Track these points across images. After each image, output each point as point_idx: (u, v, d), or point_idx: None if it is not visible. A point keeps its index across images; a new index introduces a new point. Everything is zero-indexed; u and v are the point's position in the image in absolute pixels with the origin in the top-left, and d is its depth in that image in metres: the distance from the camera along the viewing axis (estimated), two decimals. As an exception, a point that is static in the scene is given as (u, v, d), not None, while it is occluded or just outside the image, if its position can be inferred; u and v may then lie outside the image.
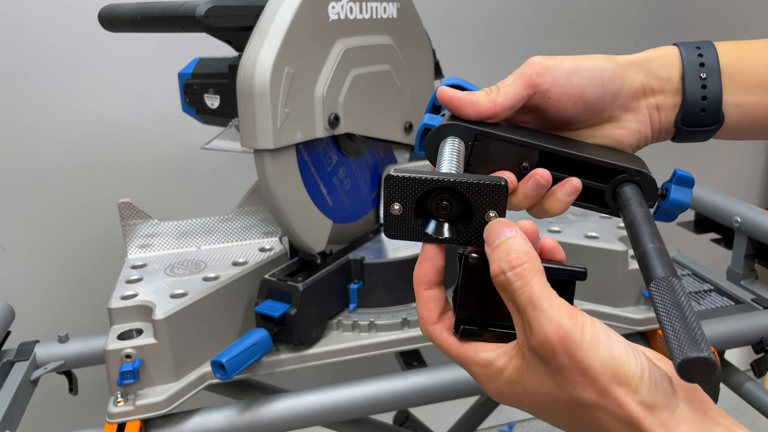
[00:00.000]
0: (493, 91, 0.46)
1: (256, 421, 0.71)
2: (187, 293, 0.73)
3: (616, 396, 0.35)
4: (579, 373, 0.36)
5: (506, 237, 0.38)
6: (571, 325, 0.36)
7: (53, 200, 1.23)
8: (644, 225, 0.41)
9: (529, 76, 0.46)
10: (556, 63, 0.46)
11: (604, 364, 0.35)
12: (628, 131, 0.48)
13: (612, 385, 0.35)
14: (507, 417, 1.74)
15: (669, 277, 0.38)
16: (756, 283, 1.01)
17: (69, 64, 1.17)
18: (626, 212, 0.44)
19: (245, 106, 0.70)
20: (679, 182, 0.47)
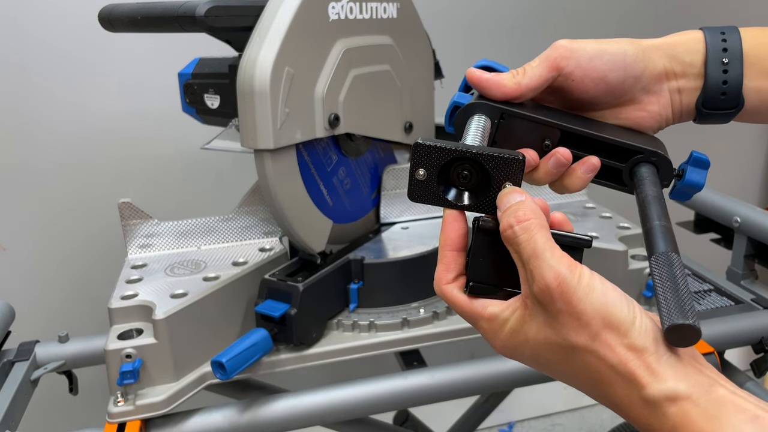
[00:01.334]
0: (519, 73, 0.48)
1: (256, 421, 0.71)
2: (187, 293, 0.74)
3: (606, 339, 0.37)
4: (573, 318, 0.38)
5: (516, 200, 0.41)
6: (569, 273, 0.38)
7: (53, 200, 1.23)
8: (654, 204, 0.44)
9: (554, 59, 0.48)
10: (580, 47, 0.48)
11: (596, 309, 0.38)
12: (649, 114, 0.50)
13: (603, 329, 0.37)
14: (507, 417, 1.74)
15: (669, 252, 0.40)
16: (756, 283, 1.01)
17: (69, 65, 1.17)
18: (639, 190, 0.46)
19: (245, 106, 0.70)
20: (695, 164, 0.50)
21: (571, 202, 0.99)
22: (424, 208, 0.96)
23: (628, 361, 0.37)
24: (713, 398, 0.35)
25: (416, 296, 0.83)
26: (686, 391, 0.35)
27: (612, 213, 0.92)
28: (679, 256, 0.41)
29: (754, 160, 1.76)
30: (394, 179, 0.93)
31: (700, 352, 0.78)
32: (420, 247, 0.84)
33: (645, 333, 0.37)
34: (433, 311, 0.80)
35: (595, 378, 0.39)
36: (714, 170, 1.75)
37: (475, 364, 0.77)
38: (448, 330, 0.80)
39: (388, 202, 0.94)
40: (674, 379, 0.35)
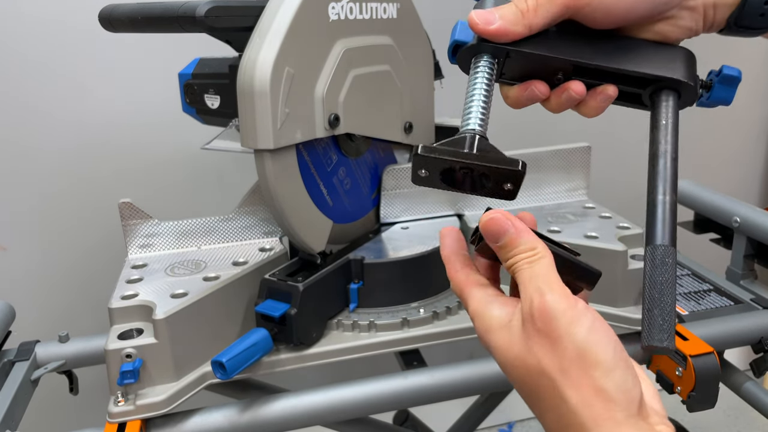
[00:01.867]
0: (529, 11, 0.44)
1: (256, 420, 0.71)
2: (188, 293, 0.74)
3: (575, 376, 0.36)
4: (548, 341, 0.37)
5: (509, 234, 0.42)
6: (558, 298, 0.38)
7: (53, 200, 1.23)
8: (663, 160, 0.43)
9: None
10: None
11: (574, 341, 0.37)
12: (680, 29, 0.47)
13: (574, 364, 0.36)
14: (507, 417, 1.74)
15: (663, 246, 0.41)
16: (755, 283, 1.01)
17: (69, 65, 1.17)
18: (653, 134, 0.45)
19: (245, 107, 0.71)
20: (724, 81, 0.47)
21: (571, 203, 0.99)
22: (425, 208, 0.96)
23: (592, 404, 0.35)
24: None
25: (416, 296, 0.83)
26: None
27: (612, 213, 0.92)
28: (674, 248, 0.41)
29: (753, 160, 1.76)
30: (394, 179, 0.94)
31: (700, 353, 0.78)
32: (420, 247, 0.84)
33: (622, 387, 0.35)
34: (433, 311, 0.81)
35: (556, 414, 0.37)
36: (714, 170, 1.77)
37: (475, 364, 0.77)
38: (448, 330, 0.80)
39: (388, 202, 0.94)
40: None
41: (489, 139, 0.45)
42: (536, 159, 0.97)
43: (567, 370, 0.36)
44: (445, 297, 0.84)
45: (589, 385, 0.35)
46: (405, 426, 1.17)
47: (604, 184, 1.18)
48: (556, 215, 0.93)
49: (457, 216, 0.96)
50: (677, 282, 1.04)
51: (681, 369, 0.77)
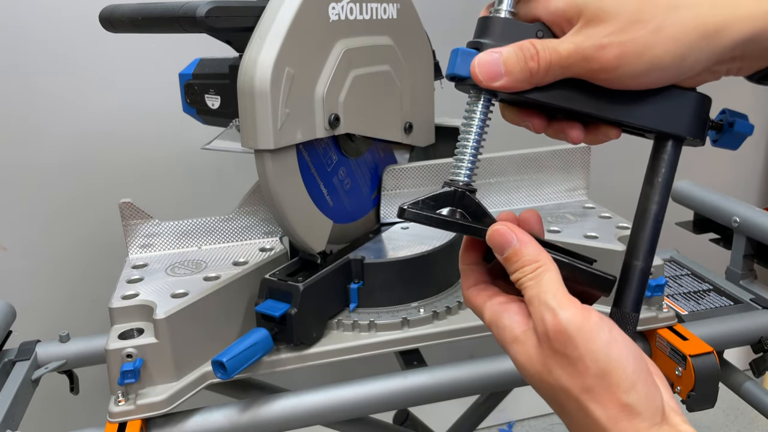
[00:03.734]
0: (539, 73, 0.41)
1: (256, 420, 0.71)
2: (188, 293, 0.74)
3: (599, 393, 0.36)
4: (568, 362, 0.38)
5: (513, 246, 0.42)
6: (570, 314, 0.38)
7: (54, 200, 1.23)
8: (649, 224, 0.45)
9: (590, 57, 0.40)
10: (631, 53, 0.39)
11: (595, 360, 0.37)
12: (696, 82, 0.44)
13: (598, 383, 0.36)
14: (507, 416, 1.74)
15: (628, 313, 0.45)
16: (755, 283, 1.01)
17: (69, 65, 1.18)
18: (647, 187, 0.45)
19: (246, 107, 0.71)
20: (734, 135, 0.47)
21: (571, 203, 0.99)
22: (424, 208, 0.96)
23: (619, 420, 0.36)
24: None
25: (416, 296, 0.83)
26: None
27: (611, 213, 0.93)
28: (638, 314, 0.45)
29: (753, 160, 1.76)
30: (394, 179, 0.94)
31: (700, 352, 0.78)
32: (420, 247, 0.84)
33: (646, 398, 0.36)
34: (433, 311, 0.81)
35: (584, 426, 0.38)
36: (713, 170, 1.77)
37: (475, 363, 0.78)
38: (448, 330, 0.80)
39: (388, 202, 0.95)
40: None
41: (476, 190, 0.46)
42: (536, 159, 0.97)
43: (590, 388, 0.37)
44: (445, 297, 0.84)
45: (613, 401, 0.36)
46: (405, 426, 1.17)
47: (604, 184, 1.18)
48: (556, 215, 0.93)
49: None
50: (677, 282, 1.04)
51: (680, 369, 0.77)
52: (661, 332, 0.80)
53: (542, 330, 0.39)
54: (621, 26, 0.39)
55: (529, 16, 0.43)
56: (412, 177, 0.94)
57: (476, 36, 0.44)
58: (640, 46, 0.39)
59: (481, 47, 0.43)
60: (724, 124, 0.46)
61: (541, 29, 0.43)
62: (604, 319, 0.39)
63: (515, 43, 0.42)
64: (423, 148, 1.01)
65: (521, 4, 0.43)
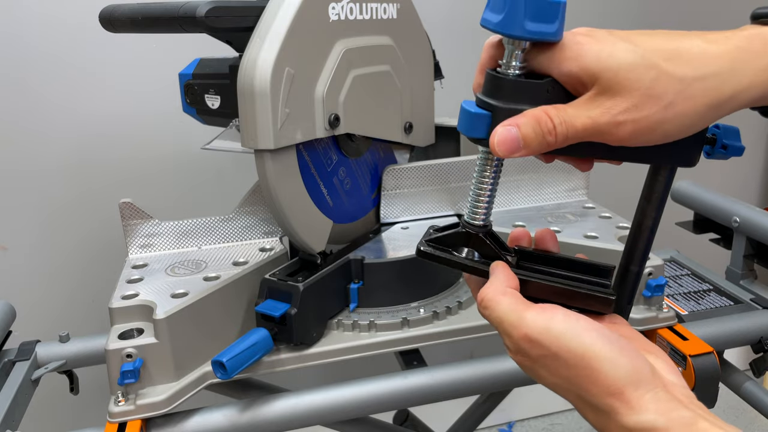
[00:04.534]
0: (557, 144, 0.43)
1: (256, 420, 0.71)
2: (188, 293, 0.74)
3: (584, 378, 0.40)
4: (550, 359, 0.41)
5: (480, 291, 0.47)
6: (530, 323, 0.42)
7: (55, 200, 1.23)
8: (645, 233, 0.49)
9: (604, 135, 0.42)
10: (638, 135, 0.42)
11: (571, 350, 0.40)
12: None
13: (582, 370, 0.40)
14: (507, 416, 1.74)
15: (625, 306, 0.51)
16: (755, 282, 1.01)
17: (69, 65, 1.18)
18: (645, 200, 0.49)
19: (245, 107, 0.71)
20: (729, 150, 0.51)
21: (571, 203, 0.99)
22: (425, 208, 0.96)
23: (607, 395, 0.39)
24: (691, 430, 0.36)
25: (416, 296, 0.83)
26: (664, 424, 0.37)
27: (611, 213, 0.93)
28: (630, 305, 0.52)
29: (753, 160, 1.76)
30: (394, 179, 0.94)
31: (700, 353, 0.78)
32: (420, 247, 0.84)
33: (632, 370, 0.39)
34: (433, 311, 0.81)
35: (577, 407, 0.42)
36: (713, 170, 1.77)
37: (475, 363, 0.78)
38: (447, 330, 0.80)
39: (388, 202, 0.95)
40: (654, 413, 0.37)
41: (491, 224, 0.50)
42: (536, 159, 0.97)
43: (574, 378, 0.40)
44: (445, 297, 0.84)
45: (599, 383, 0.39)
46: (405, 426, 1.17)
47: (604, 184, 1.18)
48: (556, 215, 0.93)
49: (457, 216, 0.96)
50: (677, 282, 1.04)
51: (681, 369, 0.77)
52: (661, 332, 0.80)
53: (514, 345, 0.42)
54: (635, 103, 0.40)
55: (539, 69, 0.44)
56: (412, 177, 0.94)
57: (486, 93, 0.45)
58: (652, 123, 0.41)
59: (495, 111, 0.44)
60: (717, 140, 0.50)
61: (551, 86, 0.44)
62: (569, 314, 0.41)
63: (531, 113, 0.43)
64: (423, 148, 1.01)
65: (532, 56, 0.44)
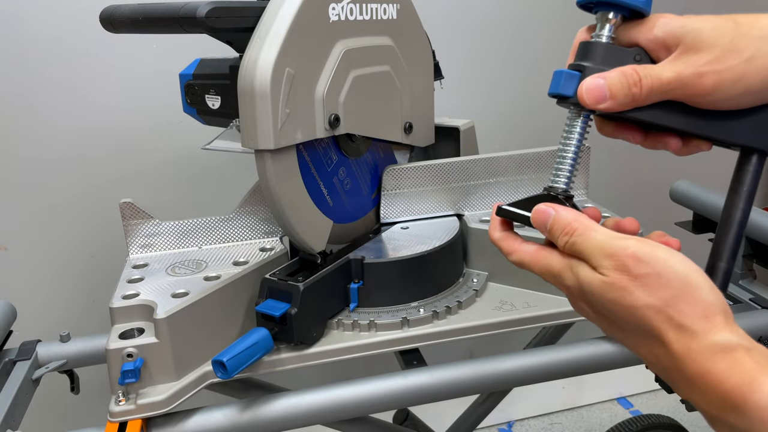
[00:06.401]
0: (641, 97, 0.45)
1: (257, 419, 0.71)
2: (188, 293, 0.74)
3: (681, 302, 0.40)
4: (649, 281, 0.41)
5: (551, 216, 0.46)
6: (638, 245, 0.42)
7: (55, 200, 1.23)
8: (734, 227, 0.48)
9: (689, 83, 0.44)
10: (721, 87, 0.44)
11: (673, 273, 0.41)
12: None
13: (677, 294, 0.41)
14: (507, 416, 1.74)
15: None
16: (754, 283, 1.02)
17: (70, 66, 1.18)
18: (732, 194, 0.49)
19: (246, 107, 0.71)
20: None
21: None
22: (425, 208, 0.96)
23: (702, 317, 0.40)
24: (761, 350, 0.39)
25: (416, 296, 0.83)
26: (748, 344, 0.39)
27: (611, 213, 0.93)
28: None
29: (753, 160, 1.76)
30: (394, 179, 0.94)
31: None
32: (420, 247, 0.84)
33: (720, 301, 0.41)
34: (433, 311, 0.81)
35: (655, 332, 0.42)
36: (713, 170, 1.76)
37: (475, 363, 0.78)
38: (448, 329, 0.80)
39: (388, 202, 0.95)
40: (739, 336, 0.40)
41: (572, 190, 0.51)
42: (536, 159, 0.97)
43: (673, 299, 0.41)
44: (445, 297, 0.85)
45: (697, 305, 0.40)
46: (405, 425, 1.17)
47: (604, 184, 1.18)
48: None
49: (457, 216, 0.96)
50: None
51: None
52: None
53: (617, 264, 0.42)
54: (717, 56, 0.43)
55: (627, 41, 0.47)
56: (412, 177, 0.94)
57: (578, 59, 0.48)
58: (735, 75, 0.43)
59: (585, 70, 0.47)
60: None
61: (639, 53, 0.47)
62: (666, 247, 0.42)
63: (618, 68, 0.46)
64: (423, 148, 1.01)
65: (621, 31, 0.47)
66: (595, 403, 1.81)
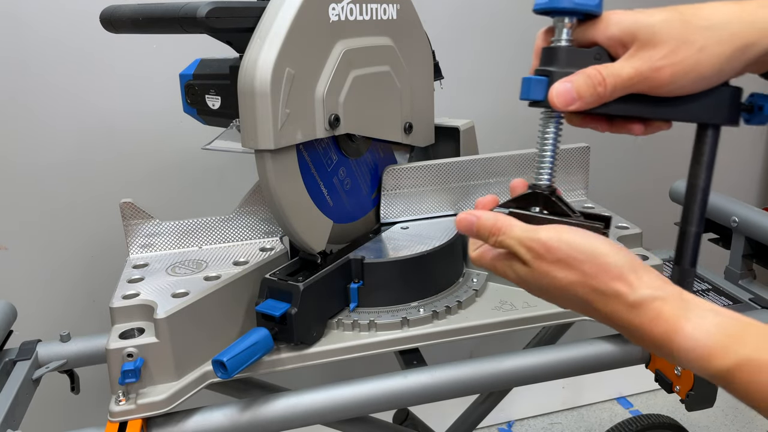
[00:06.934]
0: (606, 95, 0.49)
1: (256, 419, 0.71)
2: (189, 292, 0.74)
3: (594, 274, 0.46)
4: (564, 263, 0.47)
5: (474, 223, 0.52)
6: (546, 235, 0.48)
7: (55, 200, 1.23)
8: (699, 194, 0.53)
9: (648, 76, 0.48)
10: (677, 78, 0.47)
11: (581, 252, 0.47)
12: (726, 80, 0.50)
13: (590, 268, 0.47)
14: (506, 416, 1.74)
15: (687, 269, 0.53)
16: (754, 282, 1.02)
17: (70, 66, 1.18)
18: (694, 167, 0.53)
19: (246, 107, 0.71)
20: (762, 98, 0.53)
21: (570, 203, 0.99)
22: (425, 208, 0.96)
23: (614, 280, 0.46)
24: (682, 298, 0.45)
25: (416, 296, 0.83)
26: (661, 295, 0.45)
27: (611, 213, 0.93)
28: (695, 268, 0.53)
29: (752, 160, 1.76)
30: (394, 179, 0.94)
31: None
32: (420, 247, 0.84)
33: (624, 261, 0.46)
34: (433, 311, 0.81)
35: (588, 301, 0.48)
36: (712, 170, 1.70)
37: (475, 363, 0.78)
38: (448, 329, 0.80)
39: (388, 202, 0.95)
40: (651, 288, 0.45)
41: None
42: (535, 159, 0.97)
43: (591, 273, 0.47)
44: (445, 297, 0.85)
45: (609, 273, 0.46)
46: (405, 425, 1.17)
47: (604, 184, 1.18)
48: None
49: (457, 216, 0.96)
50: (676, 282, 1.04)
51: (680, 368, 0.77)
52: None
53: (534, 255, 0.48)
54: (672, 49, 0.47)
55: (586, 41, 0.51)
56: (412, 177, 0.94)
57: (543, 64, 0.52)
58: (688, 65, 0.47)
59: (551, 75, 0.51)
60: (753, 106, 0.53)
61: (599, 52, 0.50)
62: (572, 228, 0.48)
63: (583, 70, 0.49)
64: (423, 148, 1.01)
65: (578, 32, 0.51)
66: (594, 403, 1.81)
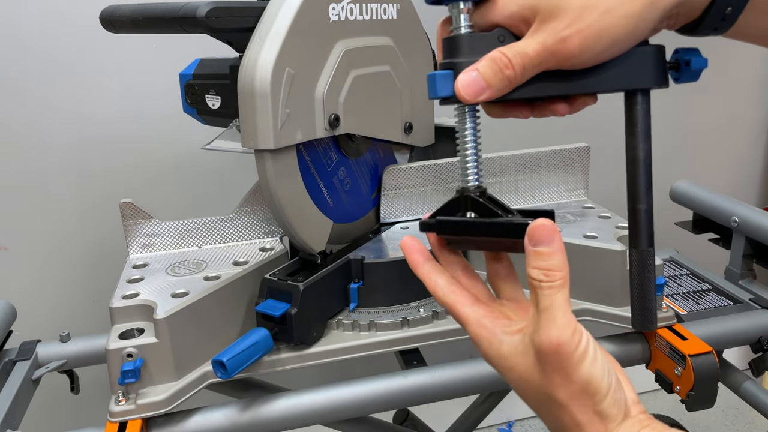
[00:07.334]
0: (516, 78, 0.45)
1: (256, 419, 0.71)
2: (188, 293, 0.74)
3: (582, 402, 0.43)
4: (561, 377, 0.43)
5: (554, 245, 0.43)
6: (569, 338, 0.42)
7: (55, 200, 1.23)
8: (642, 170, 0.48)
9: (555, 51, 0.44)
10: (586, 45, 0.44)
11: (581, 376, 0.42)
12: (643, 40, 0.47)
13: (582, 393, 0.42)
14: (506, 416, 1.74)
15: (645, 250, 0.48)
16: (754, 282, 1.02)
17: (70, 65, 1.18)
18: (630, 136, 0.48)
19: (246, 107, 0.71)
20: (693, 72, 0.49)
21: (570, 203, 0.99)
22: (425, 208, 0.96)
23: (594, 422, 0.42)
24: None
25: (416, 296, 0.83)
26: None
27: (611, 213, 0.93)
28: (653, 248, 0.48)
29: (752, 160, 1.76)
30: (394, 179, 0.94)
31: (699, 352, 0.78)
32: (420, 247, 0.84)
33: (614, 403, 0.43)
34: (433, 311, 0.81)
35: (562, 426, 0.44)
36: (712, 170, 1.77)
37: (475, 363, 0.78)
38: (447, 329, 0.80)
39: (388, 202, 0.95)
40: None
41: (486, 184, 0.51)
42: (535, 159, 0.97)
43: (575, 397, 0.43)
44: (445, 297, 0.85)
45: (591, 408, 0.43)
46: (405, 425, 1.17)
47: (604, 184, 1.18)
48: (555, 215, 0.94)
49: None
50: (676, 282, 1.04)
51: (680, 368, 0.77)
52: (660, 332, 0.81)
53: (546, 345, 0.42)
54: (575, 16, 0.43)
55: (486, 24, 0.47)
56: (412, 177, 0.94)
57: (446, 57, 0.47)
58: (596, 30, 0.43)
59: (456, 67, 0.46)
60: (680, 63, 0.49)
61: (502, 34, 0.46)
62: (590, 340, 0.43)
63: (487, 55, 0.45)
64: (423, 148, 1.01)
65: (476, 16, 0.47)
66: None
